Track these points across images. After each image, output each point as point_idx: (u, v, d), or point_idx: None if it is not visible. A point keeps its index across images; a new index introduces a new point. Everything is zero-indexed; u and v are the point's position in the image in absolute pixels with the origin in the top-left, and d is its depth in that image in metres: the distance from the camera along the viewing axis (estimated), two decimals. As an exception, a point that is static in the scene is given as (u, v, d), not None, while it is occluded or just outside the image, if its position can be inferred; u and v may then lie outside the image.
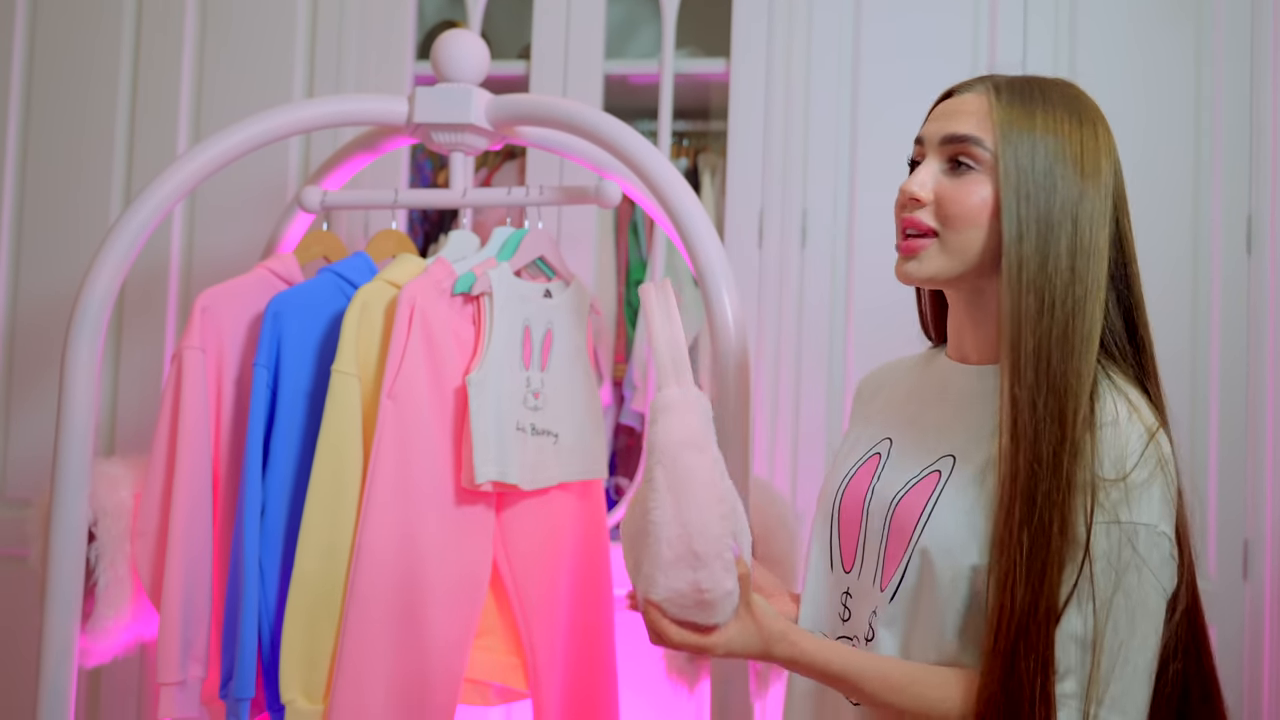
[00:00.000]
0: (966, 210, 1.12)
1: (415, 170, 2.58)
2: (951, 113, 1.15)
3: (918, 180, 1.15)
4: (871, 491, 1.18)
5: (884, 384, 1.32)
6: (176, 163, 1.66)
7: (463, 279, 1.63)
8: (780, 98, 2.16)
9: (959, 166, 1.13)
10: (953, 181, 1.13)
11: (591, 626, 1.76)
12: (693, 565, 1.04)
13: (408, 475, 1.54)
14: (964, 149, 1.13)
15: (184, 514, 1.58)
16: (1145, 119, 2.09)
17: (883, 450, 1.21)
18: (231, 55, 2.29)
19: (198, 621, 1.59)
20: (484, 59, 1.78)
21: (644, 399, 2.30)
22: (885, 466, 1.20)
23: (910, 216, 1.15)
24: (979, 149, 1.12)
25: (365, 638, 1.50)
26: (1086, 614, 1.02)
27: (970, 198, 1.12)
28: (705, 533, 1.04)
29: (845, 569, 1.20)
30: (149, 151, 2.29)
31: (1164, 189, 2.07)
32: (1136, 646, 1.03)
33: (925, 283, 1.16)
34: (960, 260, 1.13)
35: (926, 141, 1.17)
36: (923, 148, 1.17)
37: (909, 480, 1.16)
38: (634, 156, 1.65)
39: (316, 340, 1.64)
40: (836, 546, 1.21)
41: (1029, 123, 1.11)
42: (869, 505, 1.18)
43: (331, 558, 1.53)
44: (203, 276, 2.25)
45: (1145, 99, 2.09)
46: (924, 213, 1.14)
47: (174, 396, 1.61)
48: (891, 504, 1.16)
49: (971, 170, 1.12)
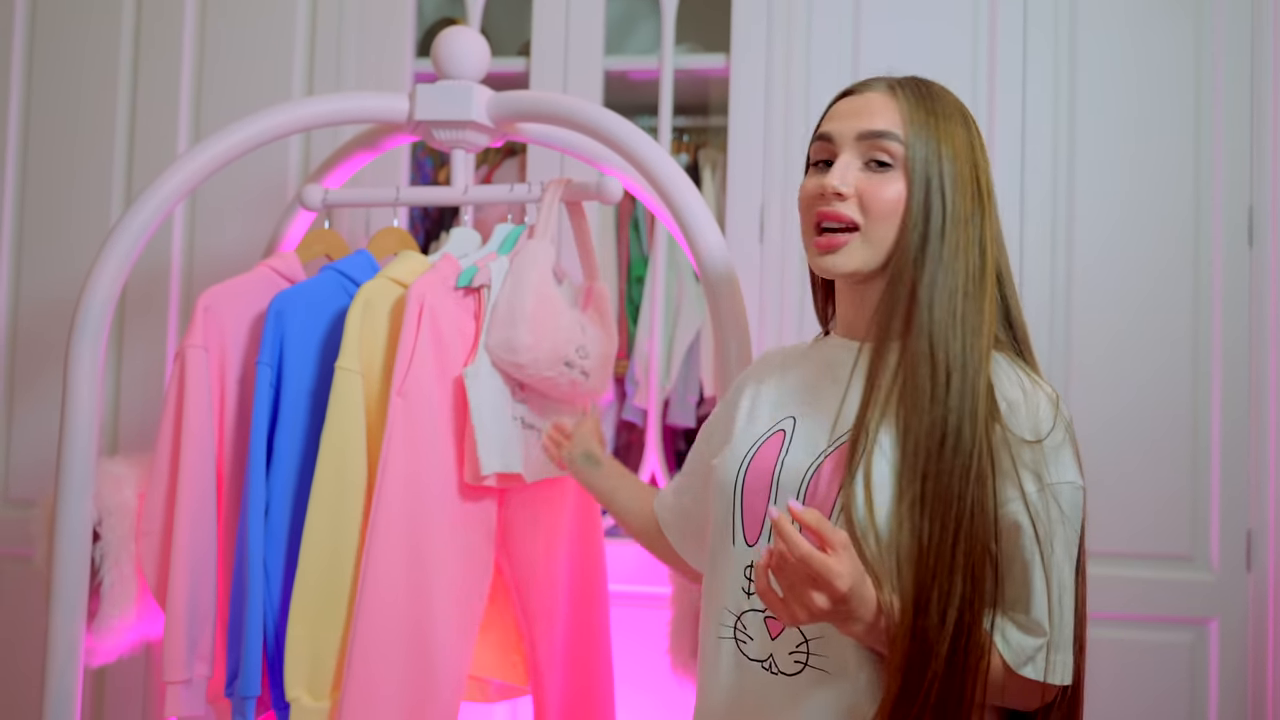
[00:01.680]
0: (887, 204, 1.18)
1: (416, 168, 2.58)
2: (860, 111, 1.21)
3: (838, 175, 1.18)
4: (781, 465, 1.20)
5: (773, 369, 1.33)
6: (177, 163, 1.66)
7: (465, 273, 1.64)
8: (780, 92, 2.16)
9: (878, 163, 1.19)
10: (872, 176, 1.19)
11: (589, 622, 1.76)
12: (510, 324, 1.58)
13: (417, 472, 1.54)
14: (881, 145, 1.19)
15: (188, 513, 1.58)
16: (1144, 111, 2.08)
17: (786, 427, 1.23)
18: (231, 54, 2.29)
19: (203, 620, 1.60)
20: (484, 56, 1.78)
21: (645, 395, 2.30)
22: (792, 442, 1.21)
23: (831, 210, 1.18)
24: (895, 144, 1.18)
25: (376, 635, 1.50)
26: (1033, 561, 1.10)
27: (889, 192, 1.18)
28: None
29: (749, 542, 1.20)
30: (149, 152, 2.29)
31: (1164, 182, 2.07)
32: (1069, 590, 1.13)
33: (848, 275, 1.20)
34: (880, 251, 1.19)
35: (839, 138, 1.21)
36: (832, 145, 1.21)
37: (821, 452, 1.18)
38: (635, 152, 1.65)
39: (319, 338, 1.64)
40: (739, 521, 1.21)
41: (932, 121, 1.19)
42: (779, 478, 1.19)
43: (336, 555, 1.54)
44: (204, 276, 2.25)
45: (1144, 90, 2.09)
46: (846, 206, 1.19)
47: (177, 396, 1.61)
48: (806, 475, 1.17)
49: (889, 167, 1.18)
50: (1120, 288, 2.07)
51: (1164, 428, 2.03)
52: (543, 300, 1.61)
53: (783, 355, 1.36)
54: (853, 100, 1.23)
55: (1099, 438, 2.01)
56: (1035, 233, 2.09)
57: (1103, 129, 2.09)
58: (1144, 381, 2.04)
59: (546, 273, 1.64)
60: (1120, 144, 2.09)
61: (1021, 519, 1.11)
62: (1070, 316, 2.07)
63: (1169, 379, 2.04)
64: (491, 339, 1.60)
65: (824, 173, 1.22)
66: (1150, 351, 2.05)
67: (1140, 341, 2.05)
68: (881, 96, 1.22)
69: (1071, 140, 2.10)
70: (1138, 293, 2.06)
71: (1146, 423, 2.03)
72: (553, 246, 1.67)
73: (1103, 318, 2.07)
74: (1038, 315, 2.06)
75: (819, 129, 1.24)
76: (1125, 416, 2.05)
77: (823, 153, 1.22)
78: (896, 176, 1.18)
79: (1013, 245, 2.07)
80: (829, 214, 1.19)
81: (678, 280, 2.42)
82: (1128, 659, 2.00)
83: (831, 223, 1.19)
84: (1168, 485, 2.02)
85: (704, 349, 2.40)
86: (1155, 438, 2.03)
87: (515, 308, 1.59)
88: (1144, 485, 2.02)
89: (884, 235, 1.18)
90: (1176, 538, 2.02)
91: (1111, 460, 2.02)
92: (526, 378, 1.61)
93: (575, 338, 1.64)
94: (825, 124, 1.23)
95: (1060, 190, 2.10)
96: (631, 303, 2.49)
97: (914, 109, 1.20)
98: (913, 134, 1.18)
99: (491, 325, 1.60)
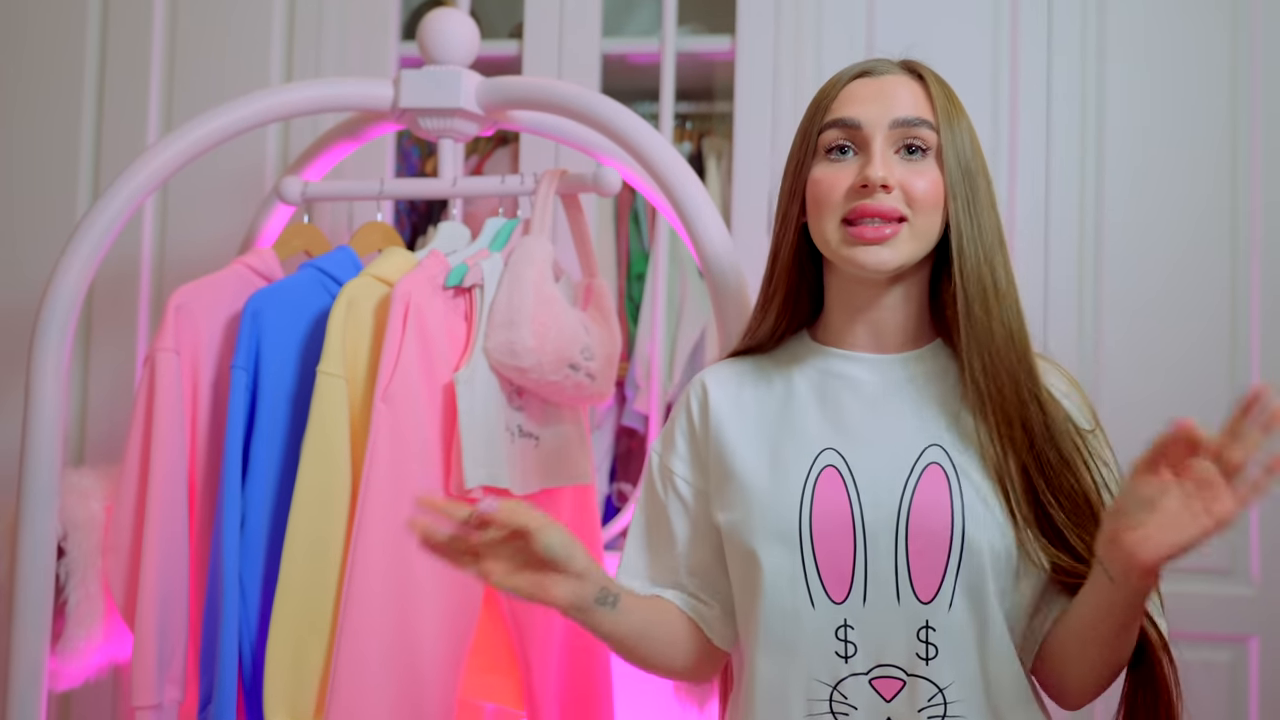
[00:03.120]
0: (931, 194, 1.20)
1: (401, 158, 2.58)
2: (886, 95, 1.22)
3: (881, 165, 1.19)
4: (859, 504, 1.18)
5: (729, 396, 1.31)
6: (147, 153, 1.67)
7: (455, 271, 1.64)
8: (789, 76, 2.17)
9: (912, 152, 1.21)
10: (911, 166, 1.21)
11: (587, 641, 1.72)
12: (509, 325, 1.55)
13: (402, 483, 1.54)
14: (916, 133, 1.21)
15: (159, 527, 1.58)
16: (1179, 96, 2.09)
17: (833, 461, 1.21)
18: (205, 37, 2.30)
19: (174, 641, 1.60)
20: (473, 39, 1.78)
21: (647, 400, 2.31)
22: (855, 476, 1.20)
23: (876, 205, 1.19)
24: (929, 132, 1.21)
25: (361, 656, 1.50)
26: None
27: (928, 181, 1.20)
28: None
29: (835, 600, 1.18)
30: (117, 142, 2.29)
31: (1200, 173, 2.07)
32: None
33: (893, 271, 1.22)
34: (925, 244, 1.22)
35: (869, 125, 1.21)
36: (861, 132, 1.21)
37: (904, 482, 1.18)
38: (634, 141, 1.65)
39: (299, 340, 1.64)
40: (816, 581, 1.18)
41: (952, 106, 1.23)
42: (863, 522, 1.18)
43: (318, 571, 1.54)
44: (176, 274, 2.25)
45: (1178, 76, 2.10)
46: (892, 199, 1.19)
47: (147, 402, 1.62)
48: (900, 512, 1.17)
49: (922, 154, 1.21)
50: (1152, 288, 2.07)
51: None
52: (544, 300, 1.62)
53: (735, 378, 1.33)
54: (873, 83, 1.23)
55: (1131, 443, 2.01)
56: (1061, 227, 2.10)
57: (1133, 116, 2.10)
58: (1179, 386, 2.05)
59: (546, 270, 1.64)
60: (1153, 133, 2.09)
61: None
62: (1100, 320, 2.08)
63: (1205, 383, 2.05)
64: (490, 342, 1.60)
65: (843, 161, 1.22)
66: (1187, 355, 2.05)
67: (1175, 346, 2.06)
68: (905, 80, 1.24)
69: (1100, 125, 2.10)
70: (1171, 294, 2.07)
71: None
72: (550, 242, 1.68)
73: (1134, 322, 2.07)
74: (1065, 315, 2.07)
75: (832, 113, 1.23)
76: (1159, 422, 2.04)
77: (843, 139, 1.22)
78: (931, 165, 1.21)
79: (1037, 241, 2.08)
80: (874, 209, 1.19)
81: (680, 277, 2.42)
82: (1164, 679, 2.00)
83: (877, 217, 1.19)
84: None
85: (709, 350, 2.40)
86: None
87: (515, 308, 1.60)
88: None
89: (929, 227, 1.21)
90: (1214, 550, 2.00)
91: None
92: (529, 382, 1.62)
93: (579, 338, 1.65)
94: (845, 108, 1.23)
95: (1088, 181, 2.10)
96: (631, 301, 2.49)
97: (938, 93, 1.23)
98: (942, 120, 1.21)
99: (489, 328, 1.61)
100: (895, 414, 1.23)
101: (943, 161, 1.21)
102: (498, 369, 1.61)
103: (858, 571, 1.17)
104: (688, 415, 1.33)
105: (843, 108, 1.23)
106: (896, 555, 1.17)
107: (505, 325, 1.60)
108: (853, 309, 1.27)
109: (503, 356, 1.60)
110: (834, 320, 1.30)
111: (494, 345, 1.60)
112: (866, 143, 1.21)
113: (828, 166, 1.23)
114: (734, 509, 1.24)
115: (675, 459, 1.33)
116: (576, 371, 1.64)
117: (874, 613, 1.17)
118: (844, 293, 1.28)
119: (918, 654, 1.16)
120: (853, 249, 1.20)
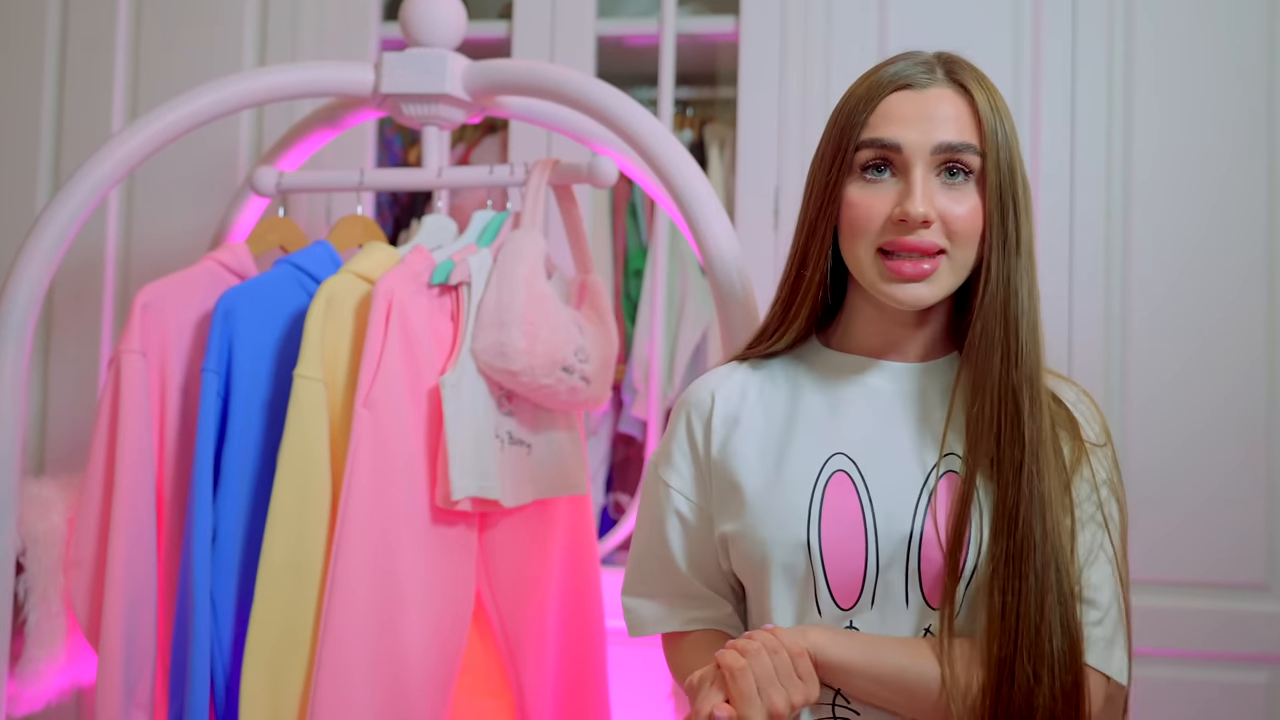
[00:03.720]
0: (970, 225, 1.20)
1: (383, 147, 2.59)
2: (930, 116, 1.21)
3: (923, 198, 1.18)
4: (870, 512, 1.20)
5: (733, 399, 1.31)
6: (111, 141, 1.67)
7: (440, 268, 1.64)
8: (797, 59, 2.16)
9: (953, 174, 1.21)
10: (950, 194, 1.21)
11: (583, 661, 1.77)
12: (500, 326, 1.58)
13: (386, 494, 1.54)
14: (960, 158, 1.20)
15: (124, 541, 1.58)
16: (1210, 100, 2.08)
17: (844, 466, 1.22)
18: (173, 18, 2.29)
19: (141, 662, 1.59)
20: (460, 20, 1.78)
21: (645, 405, 2.30)
22: (869, 483, 1.21)
23: (918, 240, 1.19)
24: (974, 158, 1.20)
25: (343, 678, 1.50)
26: (1113, 559, 1.21)
27: (967, 209, 1.20)
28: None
29: (843, 606, 1.20)
30: (80, 129, 2.29)
31: (1234, 182, 2.06)
32: (1127, 589, 1.24)
33: (930, 304, 1.23)
34: (961, 275, 1.23)
35: (910, 150, 1.20)
36: (902, 155, 1.20)
37: (919, 490, 1.20)
38: (631, 129, 1.65)
39: (274, 342, 1.64)
40: (824, 590, 1.20)
41: (1002, 125, 1.22)
42: (875, 529, 1.19)
43: (297, 588, 1.54)
44: (143, 270, 2.25)
45: (1211, 63, 2.08)
46: (932, 233, 1.20)
47: (111, 407, 1.61)
48: (915, 521, 1.19)
49: (967, 177, 1.21)
50: (1186, 301, 2.06)
51: (1237, 447, 2.03)
52: (536, 298, 1.60)
53: (738, 384, 1.33)
54: (915, 99, 1.21)
55: (1166, 458, 2.03)
56: (1086, 239, 2.09)
57: (1163, 112, 2.09)
58: (1214, 400, 2.04)
59: (537, 267, 1.63)
60: (1181, 135, 2.08)
61: (1097, 523, 1.21)
62: (1127, 335, 2.07)
63: (1238, 384, 2.04)
64: (478, 344, 1.59)
65: (880, 183, 1.21)
66: (1222, 371, 2.05)
67: (1209, 361, 2.05)
68: (950, 95, 1.22)
69: (1128, 120, 2.10)
70: (1206, 309, 2.06)
71: (1218, 442, 2.03)
72: (542, 237, 1.66)
73: (1166, 336, 2.06)
74: (1091, 329, 2.06)
75: (870, 129, 1.21)
76: (1195, 436, 2.04)
77: (880, 159, 1.21)
78: (971, 190, 1.21)
79: (1061, 254, 2.08)
80: (913, 245, 1.19)
81: (681, 274, 2.42)
82: (1197, 701, 1.99)
83: (914, 253, 1.19)
84: (1241, 507, 2.02)
85: (711, 351, 2.40)
86: (1227, 458, 2.03)
87: (505, 307, 1.59)
88: (1215, 508, 2.02)
89: (966, 258, 1.22)
90: (1252, 564, 2.02)
91: (1180, 482, 2.02)
92: (519, 386, 1.61)
93: (573, 339, 1.64)
94: (885, 127, 1.21)
95: (1115, 185, 2.09)
96: (629, 299, 2.49)
97: (986, 111, 1.21)
98: (989, 145, 1.20)
99: (477, 328, 1.60)
100: (911, 423, 1.25)
101: (984, 187, 1.21)
102: (486, 372, 1.60)
103: (868, 580, 1.19)
104: (687, 427, 1.33)
105: (882, 126, 1.21)
106: (908, 565, 1.19)
107: (494, 325, 1.58)
108: (878, 327, 1.29)
109: (491, 359, 1.58)
110: (854, 331, 1.30)
111: (482, 347, 1.58)
112: (907, 167, 1.20)
113: (864, 188, 1.22)
114: (739, 517, 1.25)
115: (673, 473, 1.32)
116: (570, 374, 1.63)
117: (880, 616, 1.20)
118: (872, 313, 1.28)
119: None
120: (890, 285, 1.21)
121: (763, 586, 1.23)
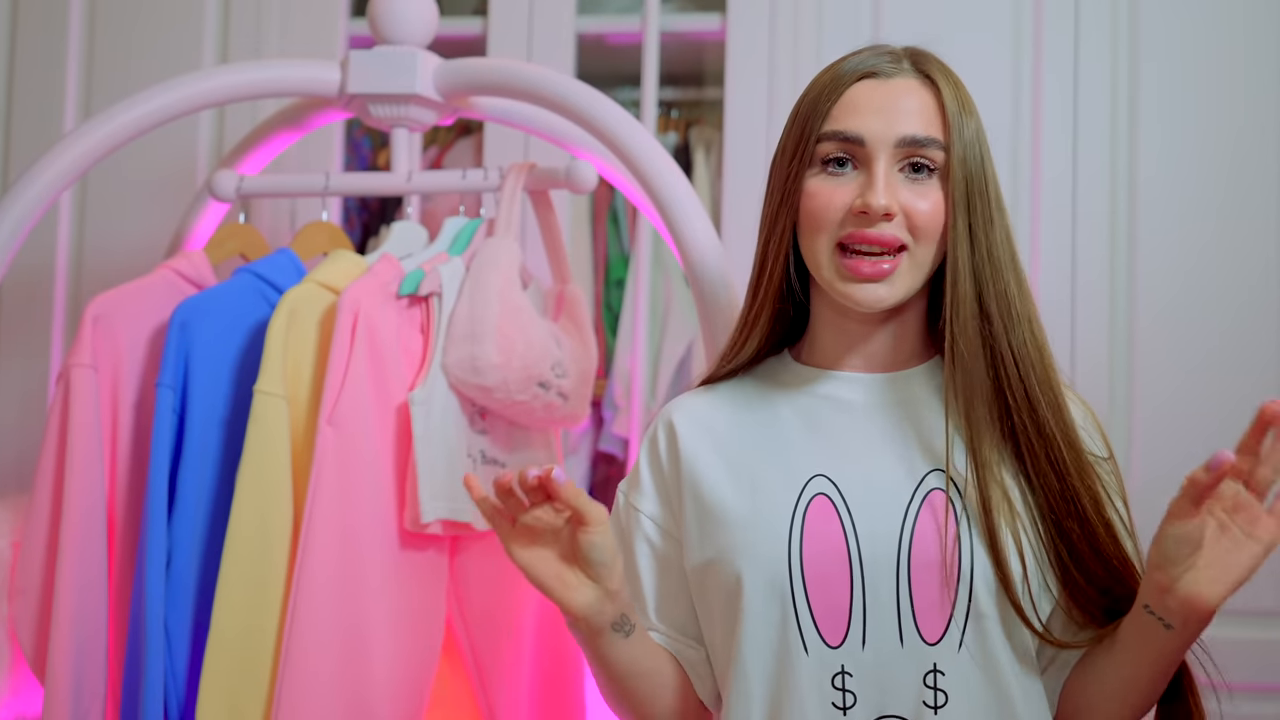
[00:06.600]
0: (933, 219, 1.21)
1: (351, 150, 2.59)
2: (894, 107, 1.22)
3: (884, 190, 1.19)
4: (854, 537, 1.19)
5: (700, 423, 1.32)
6: (62, 142, 1.67)
7: (409, 277, 1.64)
8: (787, 59, 2.17)
9: (917, 170, 1.22)
10: (914, 186, 1.22)
11: (559, 693, 1.76)
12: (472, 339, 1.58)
13: (351, 517, 1.54)
14: (924, 154, 1.22)
15: (73, 566, 1.57)
16: (1218, 90, 2.10)
17: (824, 489, 1.22)
18: (129, 13, 2.29)
19: (91, 696, 1.59)
20: (431, 16, 1.79)
21: (627, 422, 2.30)
22: (851, 507, 1.20)
23: (878, 233, 1.20)
24: (938, 152, 1.22)
25: (304, 712, 1.50)
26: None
27: (930, 204, 1.21)
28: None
29: (831, 644, 1.18)
30: (28, 129, 2.29)
31: (1246, 184, 2.08)
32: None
33: (890, 307, 1.23)
34: (924, 274, 1.24)
35: (873, 143, 1.21)
36: (865, 149, 1.21)
37: (903, 510, 1.19)
38: (612, 131, 1.66)
39: (233, 355, 1.64)
40: (809, 623, 1.18)
41: (967, 118, 1.23)
42: (860, 555, 1.18)
43: (256, 617, 1.53)
44: (95, 279, 2.24)
45: (1220, 61, 2.10)
46: (894, 227, 1.21)
47: (60, 424, 1.61)
48: (900, 543, 1.18)
49: (930, 173, 1.22)
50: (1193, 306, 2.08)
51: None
52: (510, 310, 1.61)
53: (706, 408, 1.34)
54: (879, 88, 1.23)
55: (1174, 471, 1.95)
56: (1089, 242, 2.11)
57: (1169, 109, 2.11)
58: (1225, 409, 2.05)
59: (512, 276, 1.64)
60: (1192, 141, 2.11)
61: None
62: (1133, 342, 2.08)
63: (1253, 404, 1.93)
64: (450, 358, 1.59)
65: (842, 176, 1.22)
66: (1232, 378, 2.06)
67: (1219, 368, 2.07)
68: (915, 86, 1.24)
69: (1132, 117, 2.11)
70: (1215, 313, 2.08)
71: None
72: (517, 245, 1.66)
73: (1173, 343, 2.08)
74: (1095, 335, 2.08)
75: (833, 120, 1.23)
76: (1205, 447, 1.98)
77: (842, 152, 1.22)
78: (935, 186, 1.22)
79: (1063, 258, 2.09)
80: (873, 238, 1.20)
81: (664, 283, 2.42)
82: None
83: (873, 246, 1.20)
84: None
85: (696, 365, 2.40)
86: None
87: (478, 319, 1.59)
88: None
89: (927, 256, 1.23)
90: (1264, 591, 1.99)
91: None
92: (493, 402, 1.61)
93: (550, 353, 1.64)
94: (848, 118, 1.22)
95: (1119, 185, 2.11)
96: (610, 311, 2.49)
97: (951, 104, 1.23)
98: (954, 137, 1.22)
99: (448, 341, 1.60)
100: (891, 437, 1.25)
101: (949, 183, 1.22)
102: (458, 387, 1.60)
103: (855, 611, 1.18)
104: (653, 454, 1.34)
105: (845, 117, 1.23)
106: (898, 592, 1.17)
107: (466, 338, 1.59)
108: (842, 332, 1.29)
109: (463, 374, 1.58)
110: (821, 340, 1.31)
111: (454, 361, 1.59)
112: (869, 160, 1.21)
113: (824, 180, 1.23)
114: (711, 547, 1.24)
115: (641, 498, 1.33)
116: (547, 390, 1.63)
117: (875, 657, 1.17)
118: (834, 317, 1.29)
119: (925, 702, 1.16)
120: (847, 285, 1.22)
121: (736, 622, 1.20)
